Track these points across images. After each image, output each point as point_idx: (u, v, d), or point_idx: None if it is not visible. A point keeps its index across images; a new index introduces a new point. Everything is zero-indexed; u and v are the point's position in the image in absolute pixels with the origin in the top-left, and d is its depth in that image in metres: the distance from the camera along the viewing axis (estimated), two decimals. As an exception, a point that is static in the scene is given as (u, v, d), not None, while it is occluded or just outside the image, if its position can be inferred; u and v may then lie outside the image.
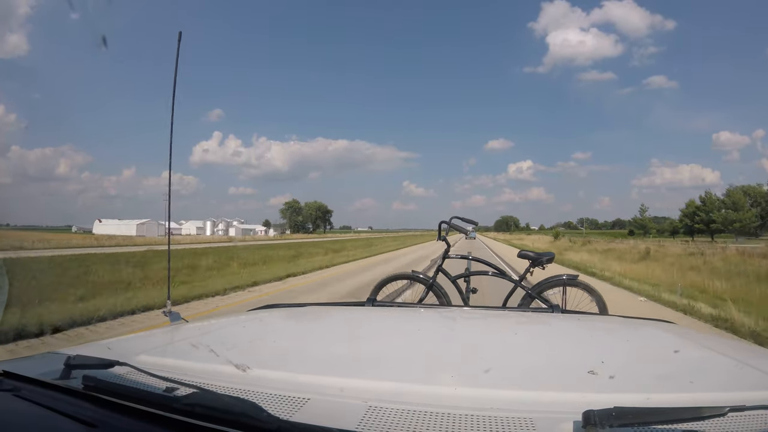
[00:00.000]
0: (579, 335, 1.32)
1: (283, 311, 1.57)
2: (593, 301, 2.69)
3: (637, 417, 0.60)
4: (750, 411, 0.64)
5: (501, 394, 0.74)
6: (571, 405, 0.66)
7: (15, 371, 0.82)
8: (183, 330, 1.34)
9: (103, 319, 5.55)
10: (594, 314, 2.22)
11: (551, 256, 2.85)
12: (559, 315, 1.56)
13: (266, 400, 0.71)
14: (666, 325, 1.43)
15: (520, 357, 1.03)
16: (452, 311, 1.76)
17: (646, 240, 47.96)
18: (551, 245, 31.91)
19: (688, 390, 0.77)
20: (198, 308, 6.70)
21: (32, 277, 8.32)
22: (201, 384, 0.71)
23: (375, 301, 1.73)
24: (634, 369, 0.94)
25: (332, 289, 9.11)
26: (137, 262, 12.99)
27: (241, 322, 1.36)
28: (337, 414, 0.67)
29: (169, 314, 1.71)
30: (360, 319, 1.48)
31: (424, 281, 2.86)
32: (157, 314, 5.80)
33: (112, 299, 6.60)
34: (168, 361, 0.91)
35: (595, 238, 46.02)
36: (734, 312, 5.95)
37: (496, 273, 2.87)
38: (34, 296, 5.96)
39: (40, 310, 5.39)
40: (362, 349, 1.09)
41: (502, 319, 1.56)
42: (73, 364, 0.80)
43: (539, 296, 2.70)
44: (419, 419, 0.65)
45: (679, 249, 21.91)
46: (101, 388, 0.72)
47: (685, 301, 7.41)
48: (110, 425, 0.68)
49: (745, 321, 5.65)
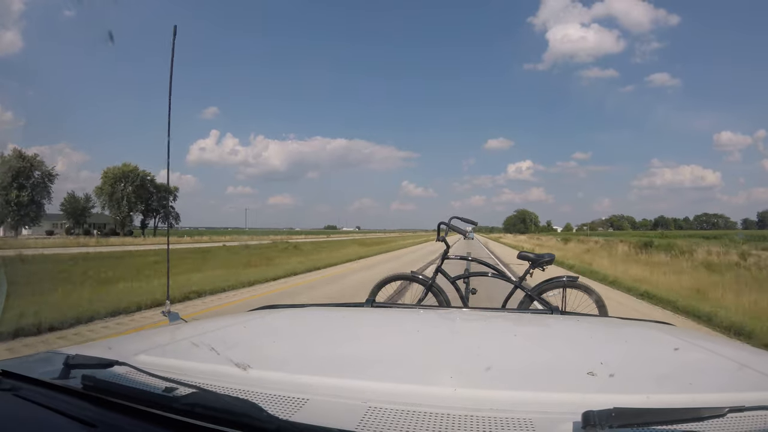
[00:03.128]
0: (578, 336, 1.32)
1: (283, 312, 1.57)
2: (593, 303, 2.69)
3: (636, 417, 0.60)
4: (749, 411, 0.64)
5: (500, 394, 0.74)
6: (570, 406, 0.66)
7: (14, 371, 0.82)
8: (182, 330, 1.34)
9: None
10: (593, 316, 2.23)
11: (551, 258, 2.85)
12: (558, 316, 1.56)
13: (266, 400, 0.71)
14: (665, 327, 1.44)
15: (520, 358, 1.03)
16: (451, 312, 1.76)
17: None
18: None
19: (687, 391, 0.77)
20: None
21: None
22: (201, 384, 0.71)
23: (374, 302, 1.73)
24: (634, 370, 0.94)
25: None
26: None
27: (241, 322, 1.36)
28: (337, 414, 0.67)
29: (168, 314, 1.71)
30: (359, 320, 1.48)
31: (423, 282, 2.86)
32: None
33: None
34: (168, 361, 0.91)
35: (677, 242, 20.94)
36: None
37: (495, 274, 2.87)
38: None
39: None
40: (362, 349, 1.09)
41: (501, 321, 1.56)
42: (72, 364, 0.80)
43: (539, 298, 2.71)
44: (418, 420, 0.65)
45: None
46: (101, 388, 0.72)
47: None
48: (110, 425, 0.68)
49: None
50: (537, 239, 48.50)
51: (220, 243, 35.20)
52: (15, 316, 4.74)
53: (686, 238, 37.84)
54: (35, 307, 5.37)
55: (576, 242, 31.16)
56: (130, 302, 6.26)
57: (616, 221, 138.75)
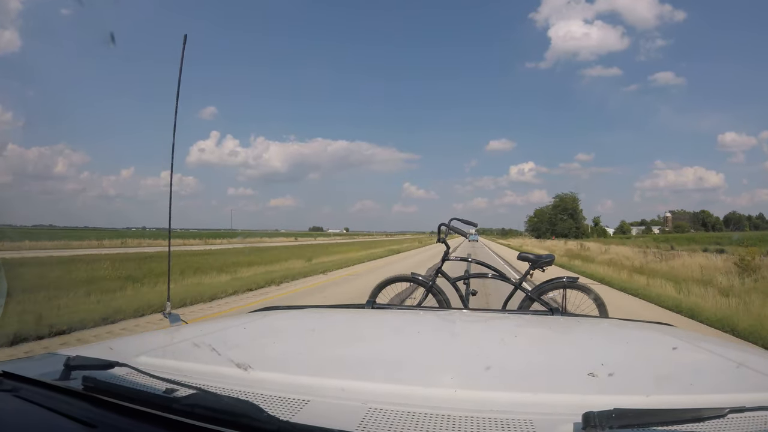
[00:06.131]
0: (579, 337, 1.32)
1: (283, 313, 1.57)
2: (593, 304, 2.70)
3: (636, 418, 0.60)
4: (750, 412, 0.64)
5: (501, 395, 0.74)
6: (570, 407, 0.66)
7: (15, 372, 0.82)
8: (183, 331, 1.34)
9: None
10: (594, 317, 2.23)
11: (551, 259, 2.85)
12: (558, 317, 1.56)
13: (266, 401, 0.71)
14: (665, 328, 1.44)
15: (520, 359, 1.03)
16: (452, 313, 1.76)
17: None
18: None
19: (687, 391, 0.77)
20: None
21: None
22: (201, 385, 0.71)
23: (374, 303, 1.74)
24: (634, 371, 0.94)
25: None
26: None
27: (242, 323, 1.36)
28: (338, 415, 0.67)
29: (168, 316, 1.72)
30: (360, 321, 1.48)
31: (424, 283, 2.87)
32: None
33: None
34: (168, 362, 0.92)
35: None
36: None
37: (495, 275, 2.87)
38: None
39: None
40: (362, 350, 1.09)
41: (501, 322, 1.57)
42: (73, 365, 0.80)
43: (539, 299, 2.71)
44: (419, 421, 0.65)
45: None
46: (101, 389, 0.72)
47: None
48: (110, 426, 0.68)
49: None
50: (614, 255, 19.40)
51: (161, 248, 23.70)
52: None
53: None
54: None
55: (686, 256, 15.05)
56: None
57: (681, 223, 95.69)
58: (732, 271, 10.41)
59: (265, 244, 40.59)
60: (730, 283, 9.22)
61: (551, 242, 44.63)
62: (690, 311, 7.15)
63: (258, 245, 35.08)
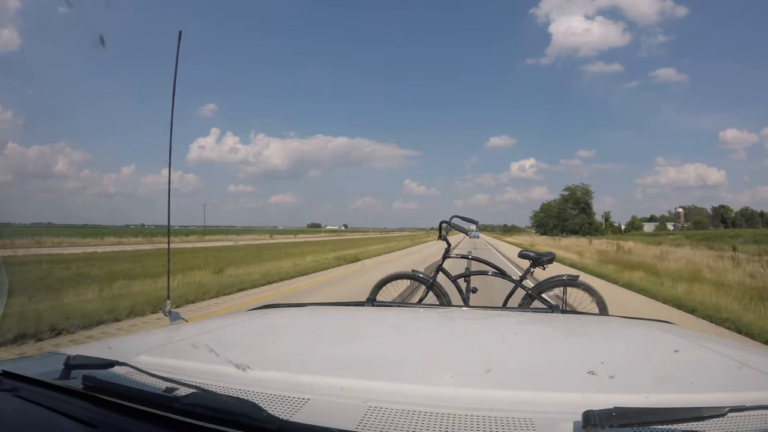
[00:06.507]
0: (579, 336, 1.32)
1: (283, 311, 1.57)
2: (594, 302, 2.70)
3: (637, 417, 0.60)
4: (750, 411, 0.64)
5: (501, 394, 0.74)
6: (571, 405, 0.66)
7: (15, 371, 0.82)
8: (183, 330, 1.34)
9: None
10: (594, 315, 2.23)
11: (552, 256, 2.85)
12: (559, 315, 1.56)
13: (266, 400, 0.71)
14: (666, 326, 1.43)
15: (520, 357, 1.03)
16: (452, 311, 1.76)
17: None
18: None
19: (688, 390, 0.77)
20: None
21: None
22: (201, 384, 0.71)
23: (375, 301, 1.73)
24: (634, 369, 0.94)
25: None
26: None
27: (241, 321, 1.36)
28: (337, 414, 0.67)
29: (168, 314, 1.71)
30: (360, 319, 1.48)
31: (424, 281, 2.87)
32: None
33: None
34: (168, 361, 0.91)
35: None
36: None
37: (496, 273, 2.88)
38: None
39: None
40: (362, 349, 1.09)
41: (502, 319, 1.56)
42: (72, 364, 0.80)
43: (539, 296, 2.71)
44: (419, 419, 0.65)
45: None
46: (101, 388, 0.72)
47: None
48: (110, 425, 0.68)
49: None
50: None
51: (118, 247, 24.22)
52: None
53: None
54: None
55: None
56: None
57: (701, 219, 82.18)
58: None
59: (257, 242, 37.07)
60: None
61: (568, 241, 35.84)
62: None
63: (240, 243, 32.87)
